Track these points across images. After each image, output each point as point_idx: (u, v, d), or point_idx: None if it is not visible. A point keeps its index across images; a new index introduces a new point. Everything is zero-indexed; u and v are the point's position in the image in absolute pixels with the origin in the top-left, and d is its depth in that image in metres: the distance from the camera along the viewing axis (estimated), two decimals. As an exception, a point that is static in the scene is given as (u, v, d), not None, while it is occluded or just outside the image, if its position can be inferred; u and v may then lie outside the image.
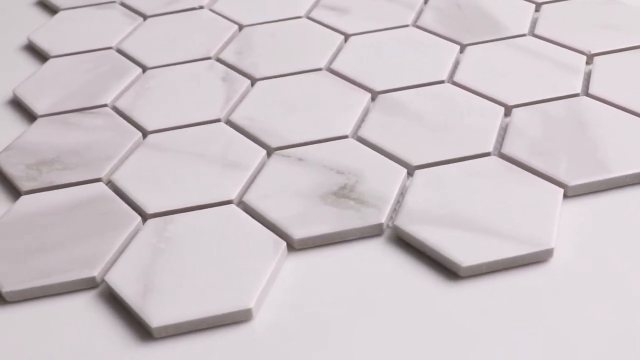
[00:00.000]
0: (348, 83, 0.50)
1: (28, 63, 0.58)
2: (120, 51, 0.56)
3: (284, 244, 0.38)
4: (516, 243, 0.36)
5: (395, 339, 0.34)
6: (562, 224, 0.39)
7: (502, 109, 0.46)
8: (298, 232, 0.38)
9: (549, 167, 0.41)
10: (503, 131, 0.45)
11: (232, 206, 0.41)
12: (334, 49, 0.54)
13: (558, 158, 0.42)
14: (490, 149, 0.43)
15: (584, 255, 0.37)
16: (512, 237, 0.37)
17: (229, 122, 0.47)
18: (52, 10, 0.65)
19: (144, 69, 0.54)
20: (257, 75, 0.52)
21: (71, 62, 0.55)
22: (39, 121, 0.49)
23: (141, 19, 0.60)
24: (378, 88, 0.49)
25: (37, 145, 0.47)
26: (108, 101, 0.50)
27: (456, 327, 0.34)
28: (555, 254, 0.37)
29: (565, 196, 0.40)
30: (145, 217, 0.41)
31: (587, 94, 0.47)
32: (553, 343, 0.33)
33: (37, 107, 0.50)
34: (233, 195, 0.41)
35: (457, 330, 0.34)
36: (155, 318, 0.34)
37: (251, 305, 0.35)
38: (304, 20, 0.59)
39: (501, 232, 0.37)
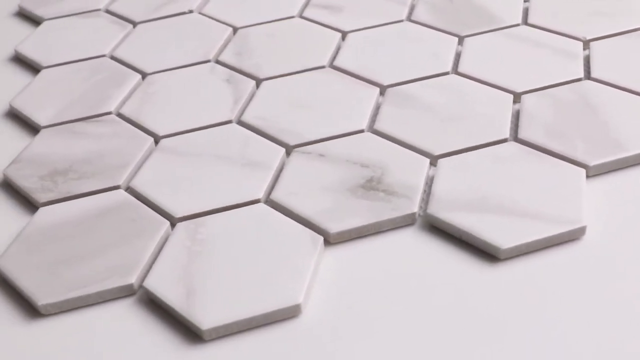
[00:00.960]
0: (354, 79, 0.50)
1: (17, 75, 0.56)
2: (115, 58, 0.55)
3: (322, 238, 0.38)
4: (550, 223, 0.37)
5: (441, 324, 0.34)
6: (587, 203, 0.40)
7: (511, 96, 0.47)
8: (334, 226, 0.38)
9: (567, 149, 0.42)
10: (515, 118, 0.46)
11: (262, 205, 0.40)
12: (333, 47, 0.54)
13: (574, 140, 0.43)
14: (507, 135, 0.44)
15: (614, 231, 0.38)
16: (544, 217, 0.38)
17: (241, 123, 0.47)
18: (34, 21, 0.63)
19: (143, 74, 0.53)
20: (261, 76, 0.52)
21: (66, 71, 0.54)
22: (43, 132, 0.48)
23: (130, 25, 0.60)
24: (385, 82, 0.50)
25: (46, 156, 0.45)
26: (112, 108, 0.49)
27: (499, 308, 0.34)
28: (586, 231, 0.38)
29: (586, 176, 0.41)
30: (173, 221, 0.40)
31: (590, 78, 0.48)
32: (596, 318, 0.34)
33: (39, 119, 0.49)
34: (260, 194, 0.41)
35: (501, 311, 0.34)
36: (205, 320, 0.34)
37: (300, 300, 0.34)
38: (298, 19, 0.59)
39: (533, 213, 0.38)
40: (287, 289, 0.35)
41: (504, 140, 0.44)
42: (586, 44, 0.52)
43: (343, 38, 0.56)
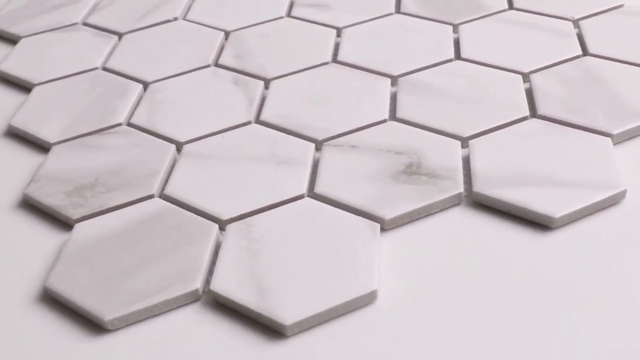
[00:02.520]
0: (362, 71, 0.51)
1: (3, 94, 0.54)
2: (109, 70, 0.54)
3: (378, 225, 0.38)
4: (593, 190, 0.39)
5: (511, 295, 0.35)
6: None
7: (520, 76, 0.49)
8: (388, 213, 0.39)
9: (588, 121, 0.44)
10: (529, 96, 0.47)
11: (308, 199, 0.40)
12: (331, 43, 0.55)
13: (592, 112, 0.45)
14: (526, 112, 0.45)
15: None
16: (586, 185, 0.39)
17: (262, 123, 0.47)
18: (9, 40, 0.60)
19: (144, 84, 0.52)
20: (268, 76, 0.51)
21: (62, 86, 0.52)
22: (55, 149, 0.46)
23: (116, 37, 0.58)
24: (394, 72, 0.50)
25: (66, 172, 0.44)
26: (122, 119, 0.48)
27: (562, 272, 0.36)
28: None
29: (611, 144, 0.43)
30: (221, 224, 0.39)
31: (589, 54, 0.51)
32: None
33: (47, 136, 0.47)
34: (302, 189, 0.41)
35: (564, 275, 0.36)
36: (287, 316, 0.33)
37: (376, 286, 0.35)
38: (288, 19, 0.59)
39: (574, 182, 0.39)
40: (360, 277, 0.35)
41: (525, 118, 0.45)
42: (575, 23, 0.54)
43: (338, 34, 0.57)
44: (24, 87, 0.54)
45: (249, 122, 0.47)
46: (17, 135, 0.49)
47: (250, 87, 0.50)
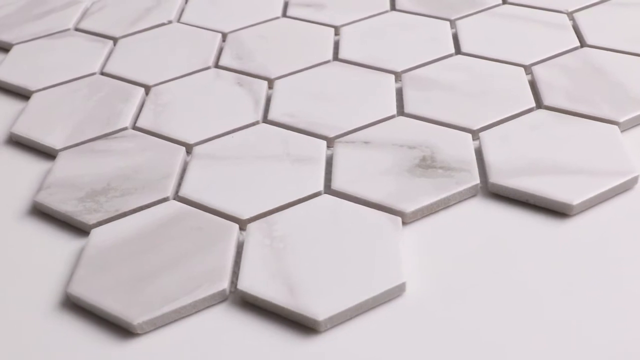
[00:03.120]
0: (365, 68, 0.51)
1: (1, 103, 0.53)
2: (108, 75, 0.53)
3: (399, 219, 0.38)
4: (607, 176, 0.40)
5: (533, 281, 0.35)
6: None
7: (522, 69, 0.49)
8: (408, 206, 0.39)
9: (594, 110, 0.45)
10: (532, 87, 0.48)
11: (327, 196, 0.40)
12: (330, 41, 0.55)
13: (596, 101, 0.45)
14: (533, 104, 0.46)
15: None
16: (599, 172, 0.40)
17: (270, 122, 0.47)
18: (0, 48, 0.59)
19: (146, 87, 0.51)
20: (271, 76, 0.51)
21: (62, 92, 0.51)
22: (62, 155, 0.45)
23: (110, 42, 0.57)
24: (397, 68, 0.51)
25: (76, 178, 0.43)
26: (127, 123, 0.48)
27: (582, 258, 0.36)
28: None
29: (617, 132, 0.44)
30: (241, 223, 0.39)
31: (587, 46, 0.52)
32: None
33: (52, 142, 0.46)
34: (319, 186, 0.41)
35: (585, 260, 0.36)
36: (320, 311, 0.33)
37: (404, 279, 0.35)
38: (284, 19, 0.59)
39: (587, 170, 0.40)
40: (388, 270, 0.35)
41: (532, 109, 0.46)
42: (570, 15, 0.55)
43: (336, 32, 0.57)
44: (21, 94, 0.53)
45: (257, 122, 0.47)
46: (19, 143, 0.48)
47: (255, 87, 0.50)
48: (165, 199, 0.41)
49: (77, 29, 0.60)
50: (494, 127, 0.44)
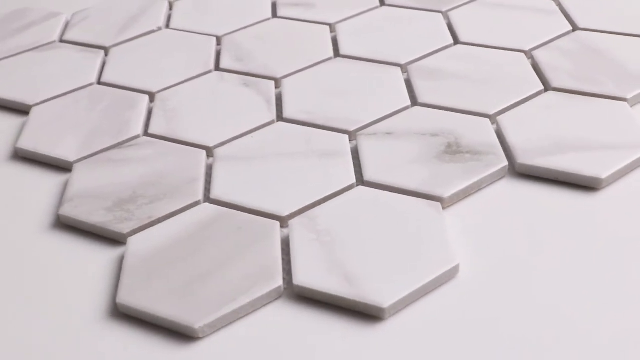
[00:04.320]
0: (369, 63, 0.52)
1: (2, 119, 0.51)
2: (107, 84, 0.52)
3: (439, 204, 0.39)
4: (628, 150, 0.41)
5: (573, 257, 0.37)
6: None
7: (523, 54, 0.51)
8: (445, 191, 0.39)
9: (601, 89, 0.46)
10: (537, 71, 0.50)
11: (361, 187, 0.40)
12: (328, 39, 0.55)
13: (602, 80, 0.47)
14: (541, 86, 0.47)
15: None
16: (620, 146, 0.41)
17: (287, 120, 0.47)
18: (-17, 64, 0.57)
19: (150, 94, 0.51)
20: (277, 75, 0.51)
21: (63, 105, 0.50)
22: (77, 167, 0.44)
23: (101, 51, 0.56)
24: (402, 61, 0.51)
25: (98, 188, 0.42)
26: (139, 131, 0.47)
27: (615, 230, 0.38)
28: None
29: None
30: (281, 220, 0.39)
31: (579, 29, 0.53)
32: None
33: (64, 155, 0.45)
34: (352, 179, 0.41)
35: (618, 232, 0.38)
36: (383, 299, 0.33)
37: (458, 261, 0.35)
38: (277, 20, 0.59)
39: (608, 144, 0.42)
40: (440, 254, 0.36)
41: (541, 92, 0.47)
42: (556, 0, 0.57)
43: (331, 30, 0.57)
44: (18, 109, 0.52)
45: (272, 121, 0.47)
46: (25, 158, 0.47)
47: (262, 87, 0.50)
48: (196, 203, 0.41)
49: (62, 41, 0.59)
50: (510, 111, 0.45)
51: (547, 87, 0.48)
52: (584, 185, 0.40)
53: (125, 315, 0.35)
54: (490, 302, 0.35)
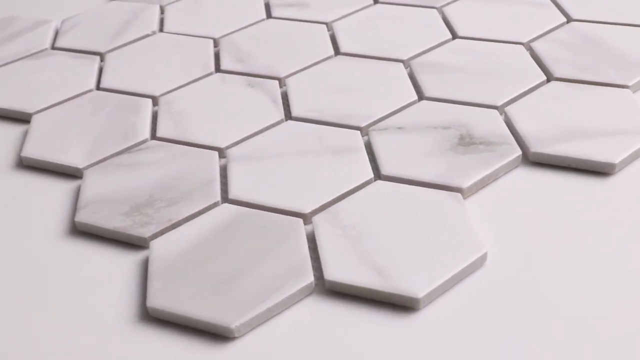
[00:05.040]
0: (371, 59, 0.52)
1: (1, 129, 0.50)
2: (107, 90, 0.51)
3: (460, 195, 0.39)
4: (636, 134, 0.42)
5: (595, 239, 0.37)
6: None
7: (522, 46, 0.52)
8: (463, 182, 0.40)
9: (603, 77, 0.47)
10: (538, 62, 0.50)
11: (380, 182, 0.41)
12: (327, 37, 0.55)
13: (603, 69, 0.48)
14: (544, 77, 0.48)
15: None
16: (629, 132, 0.42)
17: (297, 119, 0.47)
18: (-26, 74, 0.56)
19: (153, 98, 0.50)
20: (280, 75, 0.51)
21: (64, 111, 0.49)
22: (88, 173, 0.43)
23: (97, 57, 0.55)
24: (403, 57, 0.52)
25: (112, 194, 0.41)
26: (146, 135, 0.46)
27: (633, 207, 0.39)
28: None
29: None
30: (304, 217, 0.39)
31: (573, 20, 0.54)
32: None
33: (72, 161, 0.44)
34: (370, 173, 0.41)
35: (633, 216, 0.39)
36: (416, 290, 0.34)
37: (485, 249, 0.36)
38: (272, 20, 0.58)
39: (617, 130, 0.42)
40: (467, 243, 0.36)
41: (544, 82, 0.48)
42: (548, -6, 0.59)
43: (328, 29, 0.57)
44: (17, 118, 0.51)
45: (281, 120, 0.47)
46: (31, 167, 0.46)
47: (267, 87, 0.50)
48: (215, 204, 0.40)
49: (55, 48, 0.58)
50: (516, 102, 0.46)
51: (550, 77, 0.48)
52: (596, 170, 0.41)
53: (155, 319, 0.35)
54: (520, 287, 0.35)
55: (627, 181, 0.41)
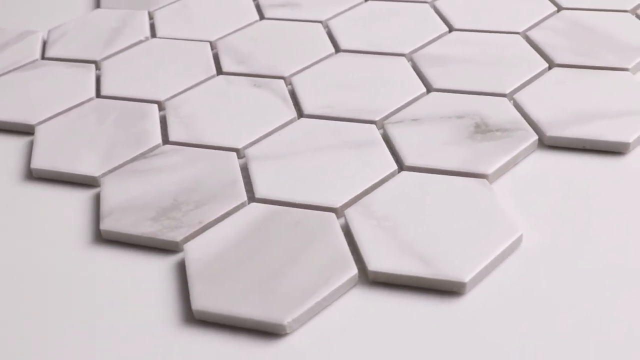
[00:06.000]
0: (372, 55, 0.52)
1: (3, 142, 0.48)
2: (108, 97, 0.50)
3: (486, 180, 0.40)
4: (644, 114, 0.44)
5: (620, 216, 0.39)
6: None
7: (518, 35, 0.53)
8: (487, 168, 0.41)
9: (602, 61, 0.49)
10: (537, 50, 0.52)
11: (405, 172, 0.41)
12: (324, 35, 0.56)
13: (600, 54, 0.50)
14: (546, 64, 0.49)
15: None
16: (635, 111, 0.44)
17: (310, 116, 0.47)
18: (-37, 88, 0.54)
19: (158, 103, 0.49)
20: (285, 74, 0.51)
21: (68, 121, 0.48)
22: (105, 181, 0.42)
23: (92, 65, 0.54)
24: (405, 51, 0.52)
25: (134, 200, 0.41)
26: (159, 140, 0.45)
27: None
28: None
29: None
30: (336, 211, 0.39)
31: (563, 9, 0.56)
32: None
33: (87, 170, 0.43)
34: (393, 165, 0.42)
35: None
36: (462, 274, 0.34)
37: (521, 231, 0.36)
38: (267, 21, 0.58)
39: (625, 111, 0.44)
40: (503, 226, 0.37)
41: (546, 69, 0.49)
42: (535, -15, 0.60)
43: (325, 26, 0.57)
44: (18, 130, 0.49)
45: (294, 119, 0.47)
46: (41, 178, 0.45)
47: (274, 86, 0.50)
48: (243, 204, 0.40)
49: (46, 58, 0.57)
50: (524, 89, 0.47)
51: (551, 64, 0.50)
52: (611, 150, 0.42)
53: (200, 322, 0.35)
54: (557, 265, 0.36)
55: (635, 160, 0.42)
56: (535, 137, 0.43)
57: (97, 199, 0.43)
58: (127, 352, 0.33)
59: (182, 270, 0.38)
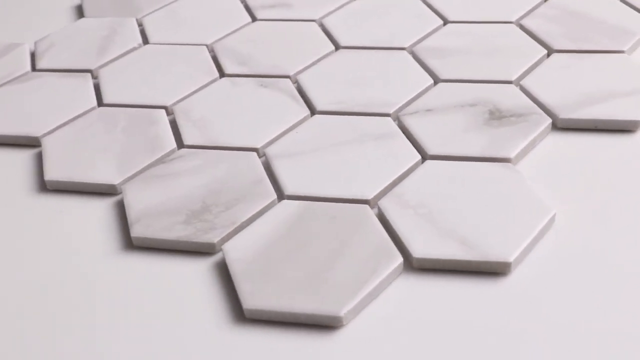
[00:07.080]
0: (373, 50, 0.53)
1: (8, 155, 0.47)
2: (112, 105, 0.49)
3: (511, 164, 0.41)
4: (648, 93, 0.45)
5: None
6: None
7: (512, 24, 0.54)
8: (509, 152, 0.41)
9: (600, 46, 0.51)
10: (533, 37, 0.53)
11: (429, 162, 0.41)
12: (321, 33, 0.56)
13: (596, 38, 0.51)
14: (544, 51, 0.51)
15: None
16: (639, 90, 0.46)
17: (323, 112, 0.47)
18: (-46, 104, 0.52)
19: (166, 108, 0.49)
20: (289, 73, 0.51)
21: (73, 131, 0.47)
22: (127, 188, 0.42)
23: (88, 74, 0.53)
24: (405, 45, 0.53)
25: (160, 205, 0.40)
26: (174, 145, 0.45)
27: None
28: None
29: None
30: (369, 203, 0.39)
31: (550, -3, 0.58)
32: None
33: (106, 179, 0.42)
34: (417, 155, 0.42)
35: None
36: (507, 255, 0.35)
37: (554, 211, 0.37)
38: (260, 22, 0.58)
39: (629, 91, 0.45)
40: (535, 207, 0.38)
41: (546, 56, 0.51)
42: (519, -25, 0.62)
43: (321, 24, 0.58)
44: (22, 144, 0.48)
45: (308, 116, 0.47)
46: (56, 190, 0.44)
47: (282, 86, 0.50)
48: (273, 202, 0.40)
49: (37, 70, 0.55)
50: (529, 75, 0.48)
51: (550, 50, 0.51)
52: (622, 129, 0.44)
53: (251, 320, 0.34)
54: (592, 242, 0.37)
55: (647, 138, 0.44)
56: (549, 120, 0.44)
57: (119, 207, 0.42)
58: (186, 357, 0.33)
59: (221, 271, 0.37)
